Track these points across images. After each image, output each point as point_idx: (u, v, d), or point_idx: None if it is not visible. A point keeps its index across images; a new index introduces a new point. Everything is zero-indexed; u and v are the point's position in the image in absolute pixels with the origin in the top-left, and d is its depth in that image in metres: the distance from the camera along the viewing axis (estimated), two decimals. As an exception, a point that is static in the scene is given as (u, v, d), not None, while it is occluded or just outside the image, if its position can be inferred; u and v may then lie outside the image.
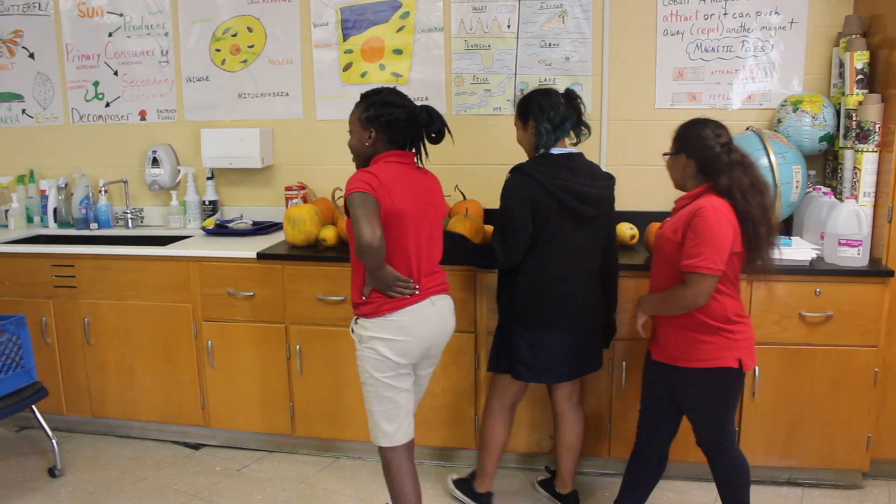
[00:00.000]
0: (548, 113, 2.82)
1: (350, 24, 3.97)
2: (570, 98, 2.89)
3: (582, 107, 2.91)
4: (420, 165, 2.75)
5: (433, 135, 2.71)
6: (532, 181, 2.78)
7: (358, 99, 2.74)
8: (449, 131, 2.71)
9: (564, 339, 2.90)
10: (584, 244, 2.88)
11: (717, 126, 2.64)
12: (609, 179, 2.94)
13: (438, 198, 2.78)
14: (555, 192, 2.77)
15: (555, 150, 2.85)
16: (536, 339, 2.89)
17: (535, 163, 2.83)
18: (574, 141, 2.96)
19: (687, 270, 2.49)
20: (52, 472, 3.56)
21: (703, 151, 2.60)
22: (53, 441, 3.57)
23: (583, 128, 2.93)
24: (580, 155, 2.90)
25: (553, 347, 2.90)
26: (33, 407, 3.50)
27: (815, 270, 3.12)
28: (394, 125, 2.65)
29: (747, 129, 3.50)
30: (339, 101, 4.01)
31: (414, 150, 2.74)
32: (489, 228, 3.36)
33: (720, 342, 2.56)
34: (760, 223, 2.51)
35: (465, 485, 3.32)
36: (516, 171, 2.84)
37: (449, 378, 3.45)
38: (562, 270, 2.85)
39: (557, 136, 2.85)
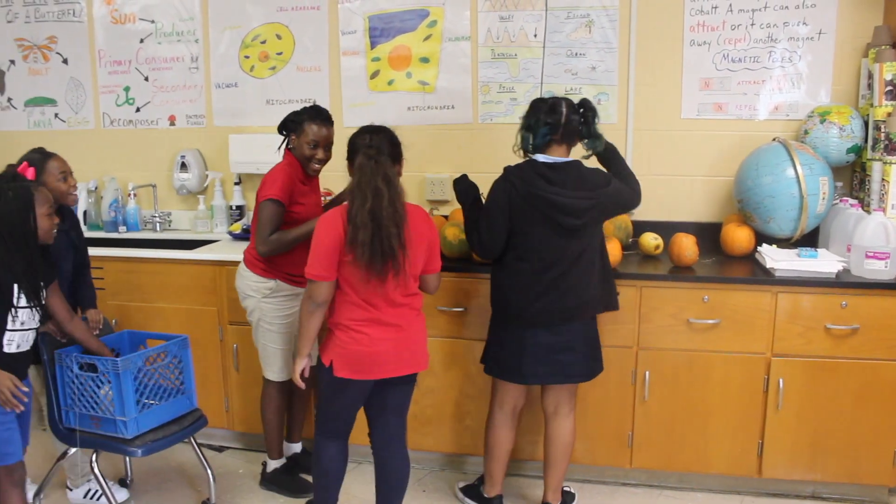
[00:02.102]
0: (529, 120, 2.87)
1: (378, 33, 4.00)
2: (582, 108, 2.87)
3: (594, 119, 2.87)
4: None
5: None
6: (509, 185, 2.82)
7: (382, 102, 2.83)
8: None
9: (536, 343, 2.89)
10: (569, 252, 2.85)
11: (372, 130, 2.72)
12: (604, 186, 2.85)
13: None
14: (530, 200, 2.79)
15: (541, 158, 2.84)
16: (508, 337, 2.95)
17: (518, 168, 2.86)
18: (586, 154, 2.95)
19: None
20: None
21: (350, 155, 2.73)
22: (210, 472, 3.28)
23: (593, 141, 2.89)
24: (571, 164, 2.84)
25: (523, 348, 2.90)
26: (192, 439, 3.20)
27: (842, 283, 3.09)
28: None
29: (773, 139, 3.49)
30: (366, 108, 4.04)
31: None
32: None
33: (329, 342, 2.70)
34: (363, 227, 2.50)
35: (472, 490, 3.32)
36: (503, 174, 2.89)
37: (454, 384, 3.47)
38: (539, 275, 2.84)
39: (537, 144, 2.84)
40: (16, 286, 2.53)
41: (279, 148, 3.24)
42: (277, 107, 4.16)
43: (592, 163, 2.96)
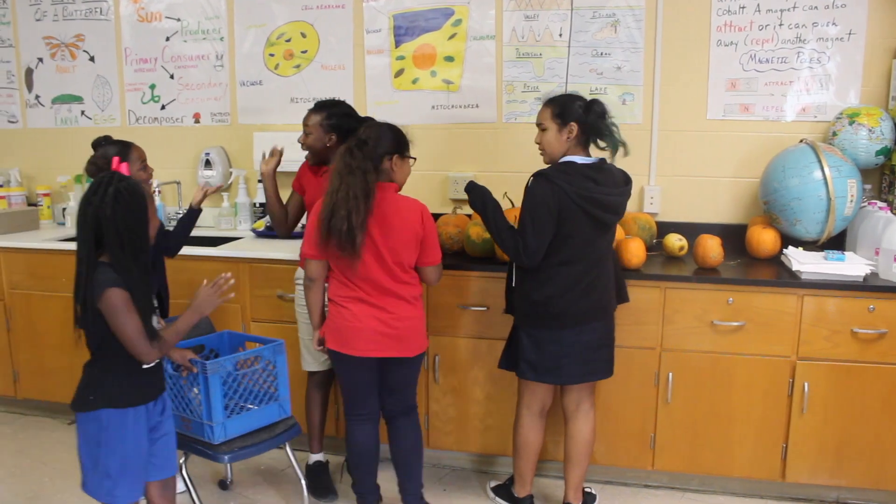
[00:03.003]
0: (600, 127, 2.83)
1: (402, 31, 4.01)
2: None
3: (613, 126, 2.88)
4: None
5: None
6: (558, 189, 2.75)
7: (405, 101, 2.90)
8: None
9: (573, 342, 2.90)
10: (600, 249, 2.89)
11: (369, 125, 2.91)
12: (627, 184, 2.90)
13: None
14: (581, 203, 2.76)
15: (577, 160, 2.83)
16: (544, 338, 2.92)
17: (561, 171, 2.79)
18: (609, 156, 2.91)
19: None
20: None
21: None
22: (303, 481, 3.23)
23: (619, 142, 2.88)
24: (603, 162, 2.88)
25: (560, 349, 2.90)
26: (286, 445, 3.14)
27: (869, 287, 3.06)
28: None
29: (801, 141, 3.45)
30: (390, 107, 4.04)
31: None
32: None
33: (327, 317, 2.96)
34: (325, 207, 2.76)
35: (503, 490, 3.32)
36: (541, 176, 2.80)
37: (477, 382, 3.47)
38: (577, 275, 2.84)
39: (616, 145, 2.86)
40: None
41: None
42: (301, 105, 4.17)
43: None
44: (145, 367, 2.40)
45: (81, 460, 2.42)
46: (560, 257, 2.83)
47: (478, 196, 2.97)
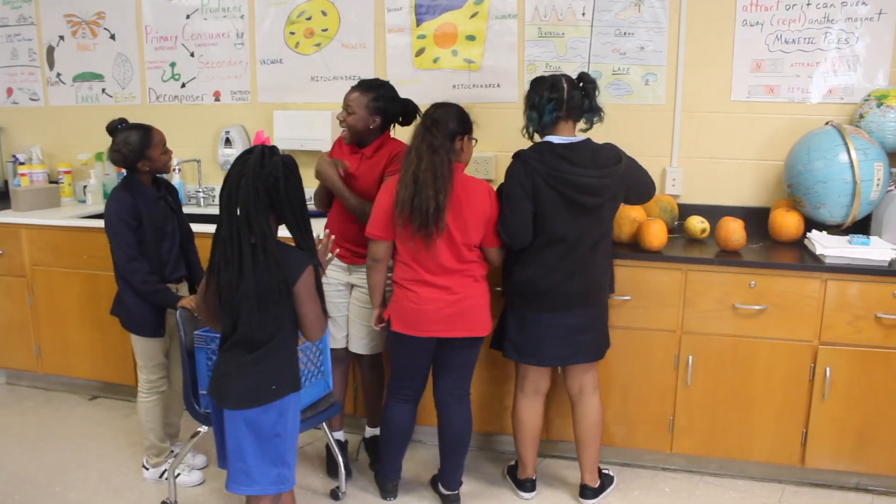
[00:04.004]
0: (532, 99, 2.88)
1: (424, 10, 3.97)
2: (581, 82, 2.89)
3: (595, 91, 2.89)
4: None
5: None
6: (531, 169, 2.80)
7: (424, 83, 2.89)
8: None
9: (556, 325, 2.91)
10: (584, 231, 2.86)
11: (440, 105, 2.90)
12: (616, 164, 2.86)
13: None
14: (552, 183, 2.78)
15: (555, 139, 2.84)
16: (527, 319, 2.95)
17: (536, 151, 2.83)
18: (585, 127, 2.94)
19: None
20: (334, 496, 3.23)
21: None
22: (340, 460, 3.22)
23: (594, 114, 2.91)
24: (584, 142, 2.86)
25: (541, 330, 2.93)
26: (324, 424, 3.16)
27: (894, 271, 3.02)
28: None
29: (827, 123, 3.40)
30: (411, 86, 4.01)
31: None
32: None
33: (391, 299, 2.96)
34: (405, 187, 2.74)
35: (513, 471, 3.34)
36: (517, 157, 2.87)
37: (494, 364, 3.45)
38: (558, 257, 2.86)
39: (545, 123, 2.85)
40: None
41: None
42: (322, 83, 4.17)
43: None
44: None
45: (234, 458, 2.35)
46: (542, 238, 2.86)
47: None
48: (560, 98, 2.82)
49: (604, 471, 3.26)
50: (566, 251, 2.86)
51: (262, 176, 2.18)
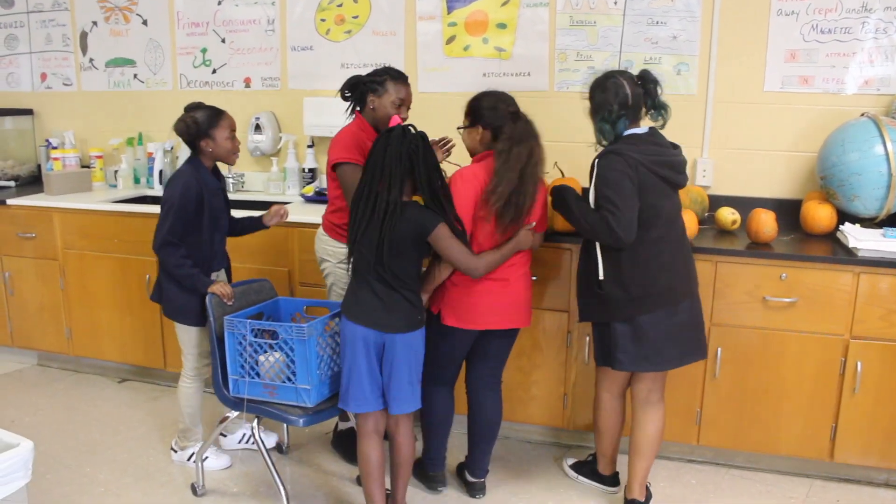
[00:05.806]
0: (602, 113, 2.78)
1: (454, -3, 3.97)
2: (644, 81, 2.79)
3: (658, 89, 2.80)
4: None
5: None
6: (634, 160, 2.68)
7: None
8: None
9: (668, 323, 2.77)
10: (674, 215, 2.83)
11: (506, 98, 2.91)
12: (676, 148, 2.86)
13: None
14: (655, 168, 2.71)
15: (638, 131, 2.78)
16: (640, 324, 2.76)
17: (626, 143, 2.74)
18: (657, 124, 2.85)
19: None
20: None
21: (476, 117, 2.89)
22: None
23: (658, 112, 2.82)
24: (654, 130, 2.83)
25: (658, 332, 2.77)
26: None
27: (929, 265, 2.98)
28: None
29: (862, 114, 3.36)
30: (441, 73, 4.02)
31: None
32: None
33: (441, 291, 2.88)
34: (507, 181, 2.71)
35: (585, 467, 3.30)
36: (611, 153, 2.72)
37: (542, 356, 3.46)
38: (666, 249, 2.77)
39: (619, 131, 2.77)
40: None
41: (348, 111, 3.12)
42: (352, 70, 4.16)
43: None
44: None
45: (401, 381, 2.69)
46: (651, 234, 2.73)
47: (555, 192, 2.97)
48: (631, 111, 2.76)
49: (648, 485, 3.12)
50: (672, 239, 2.79)
51: (405, 144, 2.56)
